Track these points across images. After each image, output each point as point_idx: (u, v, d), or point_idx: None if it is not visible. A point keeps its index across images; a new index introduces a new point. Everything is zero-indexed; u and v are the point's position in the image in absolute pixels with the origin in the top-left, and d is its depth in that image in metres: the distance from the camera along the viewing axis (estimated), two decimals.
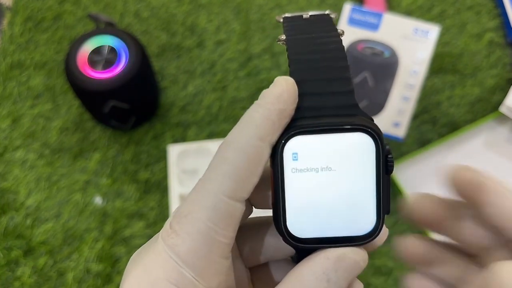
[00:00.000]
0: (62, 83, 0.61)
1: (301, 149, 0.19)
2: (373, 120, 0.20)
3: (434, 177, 0.57)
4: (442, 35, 0.62)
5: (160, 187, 0.56)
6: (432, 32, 0.53)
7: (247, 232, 0.23)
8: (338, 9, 0.63)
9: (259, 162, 0.19)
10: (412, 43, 0.53)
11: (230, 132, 0.19)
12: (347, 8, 0.54)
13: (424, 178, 0.57)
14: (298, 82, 0.20)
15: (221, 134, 0.58)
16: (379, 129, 0.19)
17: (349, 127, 0.19)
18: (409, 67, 0.53)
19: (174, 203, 0.54)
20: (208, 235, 0.19)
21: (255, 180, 0.19)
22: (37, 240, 0.54)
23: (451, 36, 0.63)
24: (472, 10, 0.64)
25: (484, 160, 0.57)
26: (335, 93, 0.19)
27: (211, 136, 0.58)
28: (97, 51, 0.51)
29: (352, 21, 0.54)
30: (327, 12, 0.23)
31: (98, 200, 0.56)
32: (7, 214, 0.55)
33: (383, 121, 0.53)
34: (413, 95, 0.53)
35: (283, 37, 0.21)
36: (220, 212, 0.19)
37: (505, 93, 0.59)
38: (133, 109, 0.54)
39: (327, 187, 0.19)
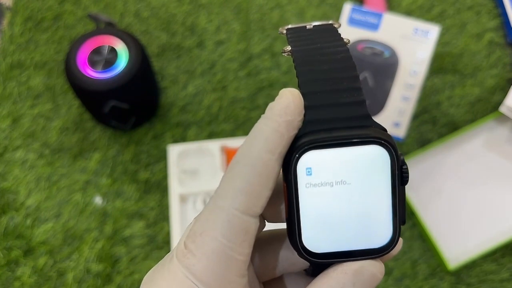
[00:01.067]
0: (62, 83, 0.61)
1: (315, 163, 0.19)
2: (386, 131, 0.19)
3: (434, 177, 0.57)
4: (442, 35, 0.62)
5: (160, 187, 0.56)
6: (432, 32, 0.53)
7: (260, 246, 0.23)
8: (338, 9, 0.63)
9: (271, 175, 0.19)
10: (412, 43, 0.53)
11: (240, 148, 0.19)
12: (347, 8, 0.54)
13: (424, 178, 0.57)
14: (307, 94, 0.19)
15: (221, 134, 0.58)
16: (393, 140, 0.19)
17: (363, 140, 0.19)
18: (409, 67, 0.53)
19: (174, 203, 0.54)
20: (224, 253, 0.18)
21: (267, 193, 0.19)
22: (37, 240, 0.54)
23: (451, 36, 0.63)
24: (472, 10, 0.64)
25: (484, 160, 0.57)
26: (346, 104, 0.19)
27: (211, 136, 0.58)
28: (97, 51, 0.51)
29: (352, 21, 0.54)
30: (330, 22, 0.22)
31: (98, 200, 0.56)
32: (7, 214, 0.55)
33: (383, 121, 0.53)
34: (413, 95, 0.53)
35: (289, 48, 0.21)
36: (234, 228, 0.18)
37: (505, 93, 0.59)
38: (133, 109, 0.54)
39: (342, 201, 0.19)
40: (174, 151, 0.56)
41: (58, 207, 0.55)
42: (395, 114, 0.53)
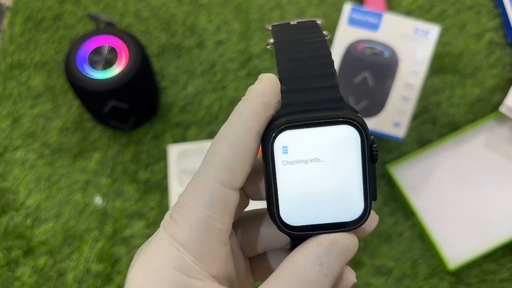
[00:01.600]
0: (62, 83, 0.61)
1: (291, 142, 0.20)
2: (358, 113, 0.21)
3: (434, 177, 0.57)
4: (442, 35, 0.62)
5: (160, 187, 0.56)
6: (432, 32, 0.53)
7: (244, 224, 0.24)
8: (338, 9, 0.63)
9: (249, 152, 0.20)
10: (412, 43, 0.53)
11: (222, 127, 0.21)
12: (347, 8, 0.54)
13: (424, 178, 0.57)
14: (285, 79, 0.21)
15: None
16: (363, 121, 0.20)
17: (335, 120, 0.20)
18: (409, 67, 0.53)
19: (174, 203, 0.54)
20: (206, 222, 0.20)
21: (247, 168, 0.20)
22: (37, 240, 0.54)
23: (451, 36, 0.63)
24: (472, 10, 0.64)
25: (484, 160, 0.57)
26: (321, 88, 0.21)
27: (211, 136, 0.58)
28: (97, 51, 0.51)
29: (352, 21, 0.54)
30: (313, 19, 0.24)
31: (98, 200, 0.56)
32: (7, 214, 0.55)
33: (383, 121, 0.53)
34: (413, 95, 0.53)
35: (271, 40, 0.23)
36: (216, 200, 0.20)
37: (505, 93, 0.59)
38: (133, 109, 0.54)
39: (316, 177, 0.20)
40: (174, 151, 0.56)
41: (58, 207, 0.55)
42: (395, 114, 0.53)
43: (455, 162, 0.57)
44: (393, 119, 0.53)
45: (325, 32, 0.22)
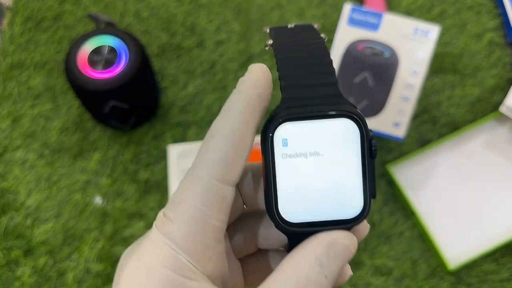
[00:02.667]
0: (62, 83, 0.61)
1: (290, 135, 0.20)
2: (356, 108, 0.21)
3: (434, 177, 0.57)
4: (442, 35, 0.62)
5: (160, 187, 0.56)
6: (432, 32, 0.53)
7: (237, 223, 0.24)
8: (338, 9, 0.63)
9: (245, 145, 0.20)
10: (412, 43, 0.53)
11: (215, 120, 0.20)
12: (347, 8, 0.54)
13: (424, 178, 0.57)
14: (285, 76, 0.21)
15: None
16: (362, 115, 0.20)
17: (334, 113, 0.20)
18: (409, 67, 0.53)
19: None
20: (202, 219, 0.19)
21: (242, 162, 0.20)
22: (37, 240, 0.54)
23: (451, 36, 0.63)
24: (472, 10, 0.64)
25: (484, 160, 0.57)
26: (320, 85, 0.21)
27: None
28: (97, 51, 0.51)
29: (352, 21, 0.54)
30: (310, 23, 0.24)
31: (98, 200, 0.56)
32: (7, 214, 0.55)
33: (383, 121, 0.53)
34: (413, 95, 0.53)
35: (270, 41, 0.23)
36: (212, 196, 0.19)
37: (505, 93, 0.59)
38: (133, 109, 0.54)
39: (316, 171, 0.20)
40: (174, 151, 0.56)
41: (58, 207, 0.55)
42: (395, 114, 0.53)
43: (455, 162, 0.57)
44: (393, 119, 0.53)
45: (322, 35, 0.23)
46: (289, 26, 0.24)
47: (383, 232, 0.55)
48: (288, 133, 0.20)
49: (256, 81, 0.20)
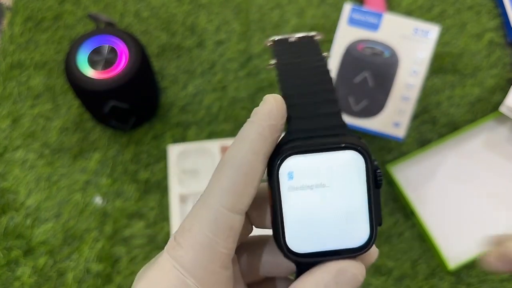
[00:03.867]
0: (62, 83, 0.61)
1: (296, 168, 0.20)
2: (361, 138, 0.21)
3: (434, 177, 0.57)
4: (442, 35, 0.62)
5: (160, 187, 0.56)
6: (432, 32, 0.53)
7: (246, 249, 0.24)
8: (338, 9, 0.63)
9: (255, 175, 0.20)
10: (412, 43, 0.53)
11: (228, 150, 0.21)
12: (347, 8, 0.54)
13: (424, 178, 0.57)
14: (290, 106, 0.21)
15: (221, 134, 0.58)
16: (367, 146, 0.21)
17: (339, 146, 0.20)
18: (409, 67, 0.53)
19: (174, 203, 0.54)
20: (210, 246, 0.20)
21: (252, 192, 0.20)
22: (37, 240, 0.54)
23: (451, 36, 0.63)
24: (472, 10, 0.64)
25: (484, 160, 0.57)
26: (324, 115, 0.21)
27: (211, 136, 0.58)
28: (97, 51, 0.51)
29: (352, 21, 0.54)
30: (311, 34, 0.24)
31: (98, 200, 0.56)
32: (7, 214, 0.55)
33: (383, 121, 0.53)
34: (413, 95, 0.53)
35: (273, 61, 0.23)
36: (220, 224, 0.20)
37: (505, 93, 0.59)
38: (133, 109, 0.54)
39: (322, 203, 0.20)
40: (174, 151, 0.56)
41: (58, 207, 0.55)
42: (395, 114, 0.53)
43: (455, 162, 0.57)
44: (393, 119, 0.53)
45: (325, 54, 0.23)
46: (290, 39, 0.24)
47: (383, 232, 0.55)
48: (294, 167, 0.20)
49: (269, 113, 0.20)
